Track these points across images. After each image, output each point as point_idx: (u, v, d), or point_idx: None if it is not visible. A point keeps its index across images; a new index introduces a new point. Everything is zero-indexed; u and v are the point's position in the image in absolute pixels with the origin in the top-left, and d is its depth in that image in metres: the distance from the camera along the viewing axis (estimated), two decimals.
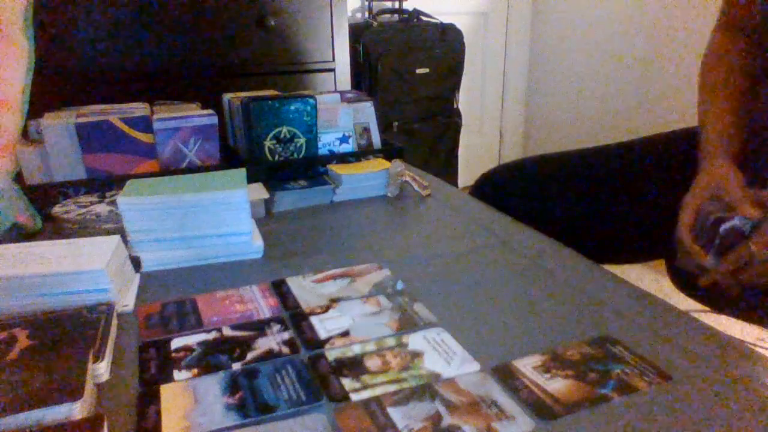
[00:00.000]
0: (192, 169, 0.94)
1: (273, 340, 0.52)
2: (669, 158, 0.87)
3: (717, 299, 0.76)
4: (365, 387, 0.45)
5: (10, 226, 0.71)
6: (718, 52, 0.82)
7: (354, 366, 0.48)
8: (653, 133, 0.93)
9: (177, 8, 1.37)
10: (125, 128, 0.90)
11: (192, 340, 0.52)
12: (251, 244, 0.71)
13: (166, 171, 0.94)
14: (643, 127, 2.03)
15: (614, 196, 0.87)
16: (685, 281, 0.78)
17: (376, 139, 1.09)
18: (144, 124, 0.91)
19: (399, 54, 1.99)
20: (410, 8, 2.09)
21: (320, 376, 0.47)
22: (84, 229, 0.73)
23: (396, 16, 2.10)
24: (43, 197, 0.84)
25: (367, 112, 1.09)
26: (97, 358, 0.47)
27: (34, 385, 0.42)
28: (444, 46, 2.10)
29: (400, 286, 0.62)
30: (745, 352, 0.49)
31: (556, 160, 0.96)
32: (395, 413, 0.42)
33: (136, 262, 0.67)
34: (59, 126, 0.86)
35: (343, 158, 1.02)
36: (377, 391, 0.44)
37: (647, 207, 0.84)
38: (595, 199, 0.88)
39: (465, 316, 0.56)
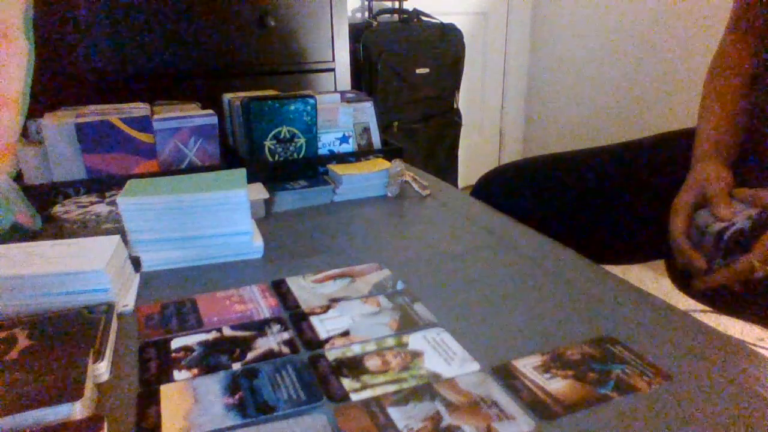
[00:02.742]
0: (192, 169, 0.94)
1: (273, 340, 0.52)
2: (668, 158, 0.87)
3: (717, 299, 0.76)
4: (365, 387, 0.45)
5: (10, 226, 0.71)
6: (725, 55, 0.82)
7: (354, 366, 0.48)
8: (653, 133, 0.94)
9: (177, 8, 1.37)
10: (125, 128, 0.90)
11: (192, 340, 0.52)
12: (251, 244, 0.71)
13: (166, 171, 0.94)
14: (642, 128, 2.03)
15: (614, 196, 0.87)
16: (685, 281, 0.78)
17: (376, 139, 1.09)
18: (144, 124, 0.91)
19: (399, 54, 1.99)
20: (410, 8, 2.09)
21: (320, 376, 0.47)
22: (84, 229, 0.73)
23: (396, 16, 2.10)
24: (43, 197, 0.84)
25: (367, 112, 1.09)
26: (97, 358, 0.47)
27: (34, 385, 0.42)
28: (444, 46, 2.10)
29: (400, 286, 0.62)
30: (745, 352, 0.49)
31: (557, 161, 0.96)
32: (395, 413, 0.42)
33: (136, 262, 0.67)
34: (59, 126, 0.86)
35: (343, 158, 1.02)
36: (377, 391, 0.44)
37: (647, 207, 0.84)
38: (595, 200, 0.88)
39: (465, 316, 0.56)
